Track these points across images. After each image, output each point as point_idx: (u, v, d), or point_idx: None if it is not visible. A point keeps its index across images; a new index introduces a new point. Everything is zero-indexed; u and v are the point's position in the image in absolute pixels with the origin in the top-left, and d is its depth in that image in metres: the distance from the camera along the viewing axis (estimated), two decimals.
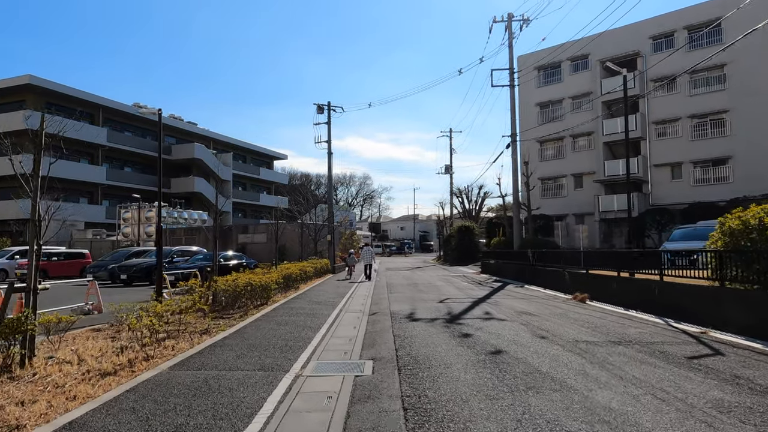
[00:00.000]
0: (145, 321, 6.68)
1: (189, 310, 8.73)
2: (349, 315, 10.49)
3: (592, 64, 35.14)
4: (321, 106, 30.17)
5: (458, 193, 50.38)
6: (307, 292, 15.84)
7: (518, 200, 23.38)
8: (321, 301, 13.09)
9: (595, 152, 34.70)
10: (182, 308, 8.70)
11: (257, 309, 11.49)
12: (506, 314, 10.06)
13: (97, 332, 8.71)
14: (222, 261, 22.57)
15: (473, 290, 16.25)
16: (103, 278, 23.17)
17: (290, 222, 30.35)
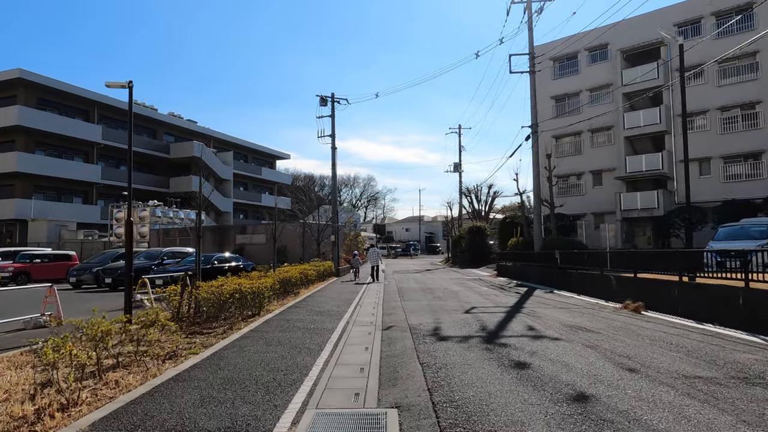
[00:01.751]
0: (67, 350, 4.66)
1: (153, 326, 6.76)
2: (358, 330, 8.50)
3: (611, 54, 33.05)
4: (324, 97, 28.24)
5: (467, 193, 48.30)
6: (308, 299, 13.86)
7: (539, 196, 21.34)
8: (324, 311, 11.10)
9: (616, 147, 32.59)
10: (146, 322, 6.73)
11: (246, 321, 9.52)
12: (556, 330, 8.05)
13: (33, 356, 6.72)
14: (216, 263, 20.66)
15: (498, 296, 14.22)
16: (88, 282, 21.32)
17: (292, 222, 28.38)
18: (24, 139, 39.37)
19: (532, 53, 21.50)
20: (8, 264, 24.20)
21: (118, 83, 9.91)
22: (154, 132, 51.73)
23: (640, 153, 31.63)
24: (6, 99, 39.92)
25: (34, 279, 24.23)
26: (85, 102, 43.60)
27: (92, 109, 44.71)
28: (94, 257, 23.81)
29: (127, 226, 9.67)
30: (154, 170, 51.30)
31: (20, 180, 38.64)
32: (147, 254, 22.28)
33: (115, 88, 9.96)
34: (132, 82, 9.85)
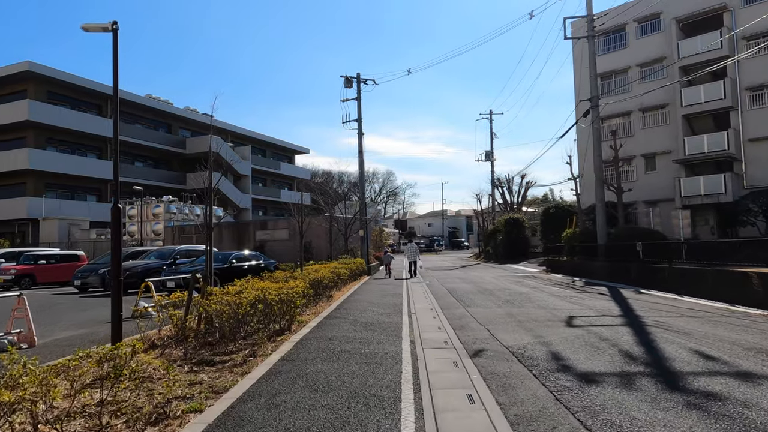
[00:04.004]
0: None
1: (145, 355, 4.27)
2: (435, 356, 5.88)
3: (665, 24, 29.77)
4: (350, 78, 25.65)
5: (498, 183, 45.26)
6: (346, 305, 11.30)
7: (602, 180, 18.48)
8: (372, 323, 8.52)
9: (671, 128, 29.36)
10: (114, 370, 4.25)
11: (274, 341, 6.99)
12: (745, 357, 5.32)
13: None
14: (234, 262, 18.29)
15: (583, 299, 11.49)
16: (94, 284, 19.10)
17: (316, 215, 25.90)
18: (35, 134, 37.67)
19: (590, 15, 18.61)
20: (11, 266, 22.20)
21: (99, 25, 7.43)
22: (170, 126, 49.83)
23: (699, 133, 28.37)
24: (15, 94, 38.24)
25: (38, 282, 22.23)
26: (98, 96, 41.79)
27: (105, 103, 42.91)
28: (101, 257, 21.63)
29: (113, 215, 7.19)
30: (170, 166, 49.45)
31: (32, 178, 36.94)
32: (158, 253, 20.00)
33: (94, 31, 7.47)
34: (117, 23, 7.36)
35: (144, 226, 30.28)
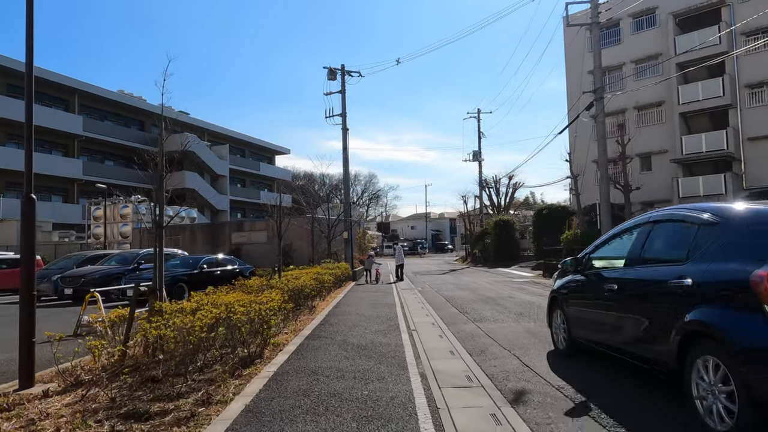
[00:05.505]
0: None
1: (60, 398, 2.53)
2: (462, 406, 4.16)
3: (661, 19, 28.82)
4: (334, 69, 23.97)
5: (485, 185, 43.96)
6: (331, 319, 9.61)
7: (607, 177, 17.14)
8: (365, 345, 6.85)
9: (668, 126, 28.38)
10: None
11: (239, 376, 5.27)
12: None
13: None
14: (205, 267, 16.46)
15: None
16: (47, 292, 17.03)
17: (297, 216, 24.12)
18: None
19: (594, 1, 17.26)
20: None
21: None
22: (143, 124, 47.37)
23: (696, 132, 27.43)
24: None
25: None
26: (65, 90, 39.27)
27: (72, 98, 40.37)
28: (56, 262, 19.51)
29: (24, 213, 5.41)
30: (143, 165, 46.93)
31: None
32: (120, 258, 18.01)
33: None
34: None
35: (111, 228, 28.08)
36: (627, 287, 4.79)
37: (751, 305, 3.25)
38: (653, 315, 4.27)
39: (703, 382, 3.55)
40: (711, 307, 3.56)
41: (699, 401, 3.61)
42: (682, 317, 3.73)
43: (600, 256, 5.74)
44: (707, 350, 3.52)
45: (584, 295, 5.79)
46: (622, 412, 3.94)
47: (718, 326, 3.43)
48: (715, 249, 3.79)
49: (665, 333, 3.96)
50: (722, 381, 3.36)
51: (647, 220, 5.02)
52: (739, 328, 3.31)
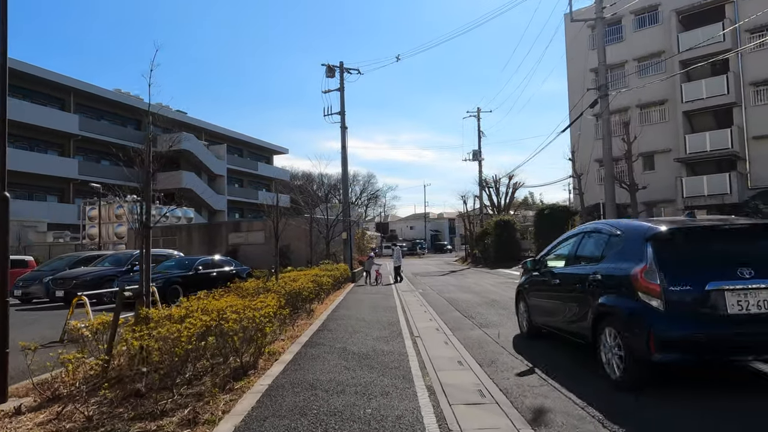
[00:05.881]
0: None
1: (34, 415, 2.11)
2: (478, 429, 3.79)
3: (663, 16, 28.44)
4: (332, 67, 23.53)
5: (485, 185, 43.52)
6: (330, 323, 9.20)
7: (612, 175, 16.75)
8: (367, 353, 6.43)
9: (671, 125, 27.99)
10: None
11: (230, 391, 4.85)
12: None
13: None
14: (201, 269, 16.03)
15: None
16: (38, 295, 16.61)
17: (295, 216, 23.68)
18: None
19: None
20: None
21: None
22: (139, 123, 46.86)
23: (699, 131, 27.05)
24: None
25: None
26: (60, 89, 38.79)
27: (68, 97, 39.88)
28: (48, 263, 19.06)
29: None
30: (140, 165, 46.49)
31: None
32: (114, 259, 17.57)
33: None
34: None
35: (106, 228, 27.61)
36: (565, 281, 6.27)
37: (631, 292, 4.75)
38: (579, 301, 5.71)
39: (606, 347, 5.03)
40: (611, 294, 5.08)
41: (604, 360, 5.07)
42: (596, 301, 5.22)
43: (551, 257, 7.09)
44: (609, 324, 5.03)
45: (539, 288, 7.12)
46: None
47: (614, 307, 4.98)
48: (616, 253, 5.32)
49: (586, 314, 5.45)
50: (617, 345, 4.84)
51: (581, 231, 6.55)
52: (624, 307, 4.83)
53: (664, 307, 4.46)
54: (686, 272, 4.55)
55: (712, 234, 5.09)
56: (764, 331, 4.37)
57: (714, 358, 4.59)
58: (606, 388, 4.80)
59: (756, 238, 5.01)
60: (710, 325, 4.39)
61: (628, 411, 4.12)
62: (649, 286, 4.56)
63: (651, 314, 4.50)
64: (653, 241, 4.80)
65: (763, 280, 4.41)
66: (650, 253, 4.70)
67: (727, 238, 5.02)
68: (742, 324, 4.36)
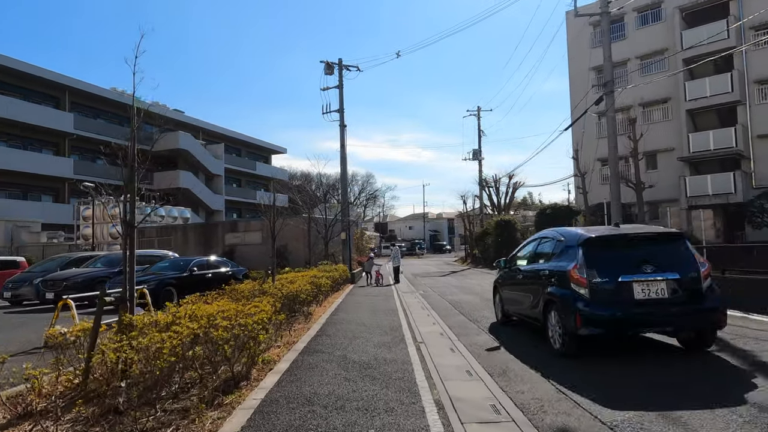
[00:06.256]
0: None
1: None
2: None
3: (666, 13, 28.04)
4: (331, 64, 23.09)
5: (485, 184, 43.08)
6: (329, 328, 8.76)
7: (617, 174, 16.31)
8: (368, 362, 6.00)
9: (674, 123, 27.60)
10: None
11: (219, 406, 4.42)
12: None
13: None
14: (195, 270, 15.56)
15: None
16: (28, 296, 16.16)
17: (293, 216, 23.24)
18: None
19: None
20: None
21: None
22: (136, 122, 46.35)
23: (702, 129, 26.66)
24: None
25: None
26: (55, 87, 38.27)
27: (63, 95, 39.36)
28: (39, 264, 18.58)
29: None
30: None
31: None
32: (106, 260, 17.10)
33: None
34: None
35: (100, 228, 27.13)
36: (526, 276, 7.77)
37: (567, 284, 6.10)
38: (535, 292, 7.16)
39: (551, 326, 6.41)
40: (555, 285, 6.43)
41: (550, 335, 6.45)
42: (545, 291, 6.64)
43: (519, 257, 8.51)
44: (553, 308, 6.38)
45: (509, 282, 8.61)
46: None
47: (556, 295, 6.34)
48: (559, 254, 6.71)
49: (539, 301, 6.88)
50: (558, 324, 6.21)
51: (539, 236, 8.06)
52: (561, 294, 6.19)
53: (588, 294, 5.89)
54: (605, 268, 5.96)
55: (625, 240, 6.47)
56: (660, 311, 5.83)
57: (624, 332, 6.29)
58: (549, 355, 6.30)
59: (657, 243, 6.44)
60: (622, 307, 5.81)
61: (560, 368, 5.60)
62: (579, 279, 5.99)
63: (579, 300, 5.92)
64: (583, 245, 6.20)
65: (660, 274, 5.86)
66: (580, 254, 6.13)
67: (636, 243, 6.41)
68: (644, 306, 5.81)
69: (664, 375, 5.25)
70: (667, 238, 6.56)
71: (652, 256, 6.02)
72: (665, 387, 4.77)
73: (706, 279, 6.06)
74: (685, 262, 6.05)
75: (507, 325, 8.70)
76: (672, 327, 6.05)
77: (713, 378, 5.12)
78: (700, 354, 6.08)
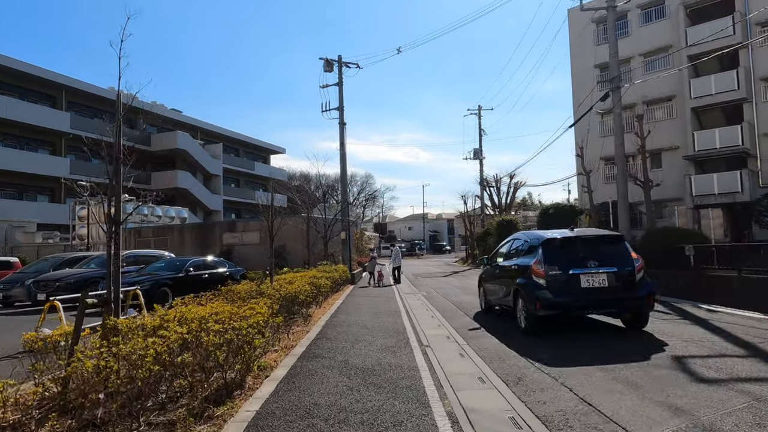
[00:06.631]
0: None
1: None
2: None
3: (671, 10, 27.65)
4: (330, 61, 22.67)
5: (486, 184, 42.66)
6: (329, 331, 8.34)
7: (624, 171, 15.89)
8: (372, 368, 5.59)
9: (679, 122, 27.20)
10: None
11: (209, 419, 3.99)
12: None
13: None
14: (192, 271, 15.14)
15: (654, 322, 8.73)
16: (19, 298, 15.71)
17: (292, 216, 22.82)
18: None
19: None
20: None
21: None
22: (133, 122, 45.94)
23: (707, 127, 26.24)
24: None
25: None
26: (52, 86, 37.87)
27: (60, 95, 38.94)
28: (32, 264, 18.15)
29: None
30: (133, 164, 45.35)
31: None
32: (100, 260, 16.67)
33: None
34: None
35: (96, 228, 26.66)
36: (502, 270, 9.14)
37: (530, 275, 7.53)
38: (507, 283, 8.54)
39: (519, 310, 7.90)
40: (521, 277, 7.84)
41: (518, 318, 7.94)
42: (514, 282, 8.03)
43: (497, 255, 10.00)
44: (520, 296, 7.81)
45: (489, 276, 10.09)
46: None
47: (521, 284, 7.76)
48: (525, 252, 8.23)
49: (510, 291, 8.35)
50: (523, 308, 7.69)
51: (512, 238, 9.55)
52: (525, 284, 7.61)
53: (545, 284, 7.30)
54: (559, 263, 7.36)
55: (576, 241, 7.77)
56: (601, 297, 7.25)
57: (573, 313, 7.80)
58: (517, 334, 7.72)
59: (601, 244, 7.82)
60: (571, 294, 7.23)
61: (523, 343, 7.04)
62: (538, 272, 7.40)
63: (538, 288, 7.35)
64: (542, 245, 7.65)
65: (602, 268, 7.27)
66: (540, 252, 7.55)
67: (584, 243, 7.73)
68: (589, 293, 7.23)
69: (603, 345, 6.73)
70: (609, 239, 7.96)
71: (597, 253, 7.44)
72: (601, 351, 6.32)
73: (640, 272, 7.39)
74: (622, 259, 7.43)
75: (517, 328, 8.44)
76: (611, 309, 7.62)
77: (639, 346, 6.63)
78: (636, 331, 7.62)
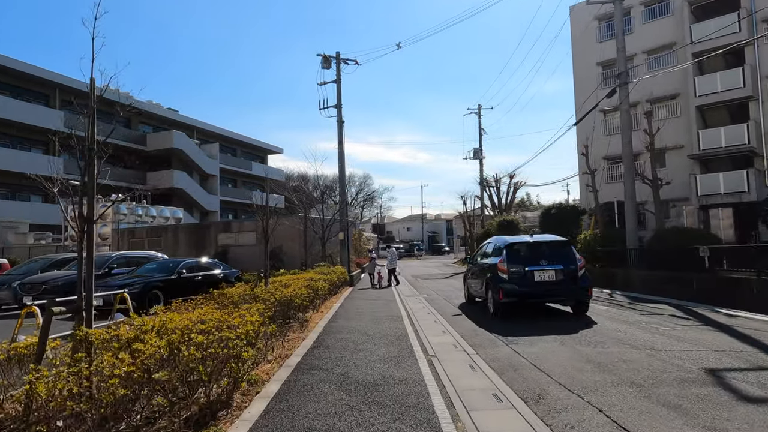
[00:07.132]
0: None
1: None
2: None
3: (675, 6, 27.17)
4: (328, 57, 22.14)
5: (486, 184, 42.14)
6: (326, 338, 7.80)
7: (632, 169, 15.41)
8: (374, 383, 5.05)
9: (683, 120, 26.70)
10: None
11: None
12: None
13: None
14: (184, 272, 14.66)
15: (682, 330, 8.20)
16: (6, 300, 15.13)
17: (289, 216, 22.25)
18: None
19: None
20: None
21: None
22: (129, 121, 45.29)
23: (712, 126, 25.77)
24: None
25: None
26: (45, 84, 37.30)
27: (53, 93, 38.30)
28: (21, 266, 17.58)
29: None
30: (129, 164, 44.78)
31: None
32: None
33: None
34: None
35: None
36: (479, 268, 11.20)
37: (496, 272, 9.75)
38: (482, 278, 10.68)
39: (489, 299, 10.03)
40: (490, 273, 9.97)
41: (488, 305, 10.07)
42: (486, 277, 10.25)
43: (477, 255, 12.22)
44: (489, 288, 10.10)
45: (470, 273, 12.29)
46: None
47: (490, 279, 9.97)
48: (494, 253, 10.47)
49: (482, 284, 10.56)
50: (491, 298, 9.87)
51: (488, 241, 11.92)
52: (493, 278, 9.84)
53: (507, 278, 9.37)
54: (518, 262, 9.47)
55: (533, 244, 9.93)
56: (551, 288, 9.38)
57: (528, 300, 9.61)
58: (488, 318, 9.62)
59: (552, 247, 9.85)
60: (527, 286, 9.32)
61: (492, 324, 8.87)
62: (502, 269, 9.47)
63: (502, 281, 9.41)
64: (506, 247, 9.78)
65: (551, 265, 9.35)
66: (504, 253, 9.67)
67: (539, 246, 9.82)
68: (541, 285, 9.34)
69: (551, 325, 8.53)
70: (559, 243, 10.03)
71: (548, 254, 9.56)
72: (548, 329, 8.17)
73: (582, 269, 9.56)
74: (568, 259, 9.57)
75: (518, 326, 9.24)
76: (559, 298, 9.80)
77: (577, 325, 8.48)
78: (580, 315, 9.49)
